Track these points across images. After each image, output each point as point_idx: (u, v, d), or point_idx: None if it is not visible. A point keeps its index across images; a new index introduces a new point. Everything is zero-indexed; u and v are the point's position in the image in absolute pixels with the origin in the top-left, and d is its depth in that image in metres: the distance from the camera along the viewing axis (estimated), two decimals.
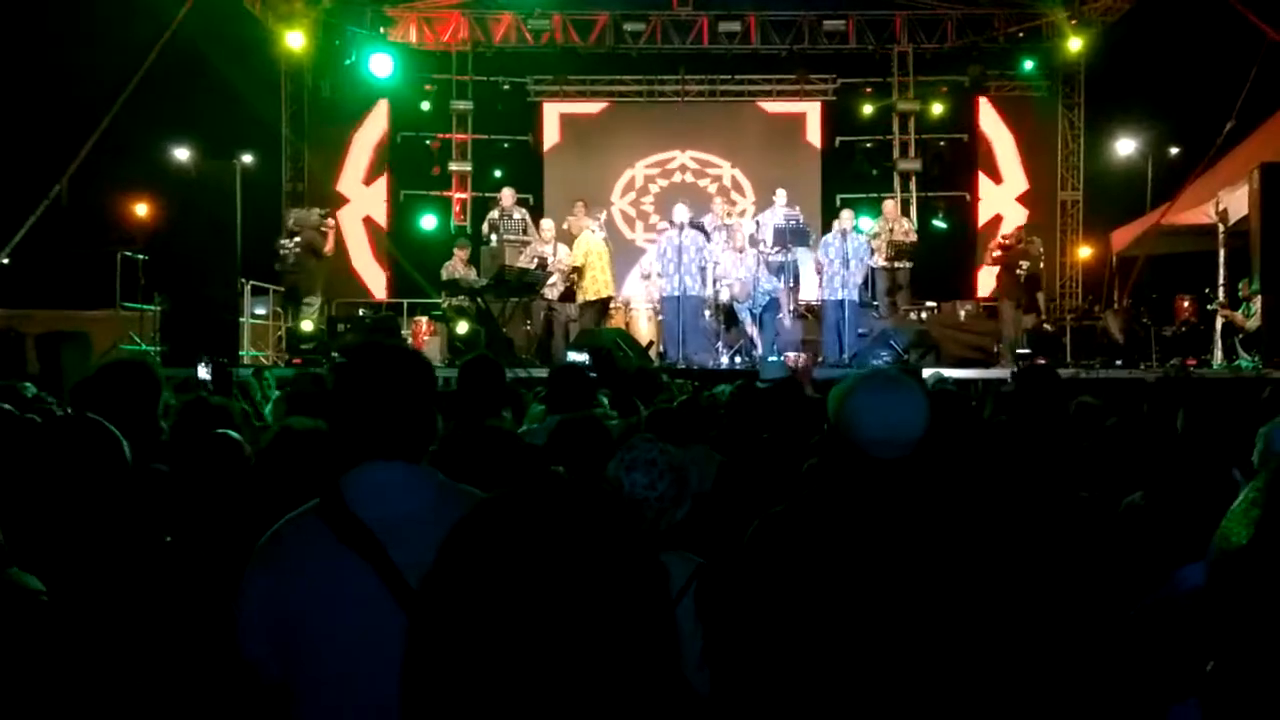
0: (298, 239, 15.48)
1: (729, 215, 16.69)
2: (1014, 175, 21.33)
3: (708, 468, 4.87)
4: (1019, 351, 14.61)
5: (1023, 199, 21.18)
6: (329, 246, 15.87)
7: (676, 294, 14.70)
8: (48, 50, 21.69)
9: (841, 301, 14.97)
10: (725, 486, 4.51)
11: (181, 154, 20.75)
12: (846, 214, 15.88)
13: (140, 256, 15.31)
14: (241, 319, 15.47)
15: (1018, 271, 15.74)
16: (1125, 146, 23.25)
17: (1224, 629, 1.03)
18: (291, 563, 2.31)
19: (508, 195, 16.98)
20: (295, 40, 19.49)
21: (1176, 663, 2.16)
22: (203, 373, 8.92)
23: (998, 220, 20.62)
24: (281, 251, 15.49)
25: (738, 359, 14.98)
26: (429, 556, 1.21)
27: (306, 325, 15.44)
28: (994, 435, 3.37)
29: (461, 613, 1.13)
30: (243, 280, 15.35)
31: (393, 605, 2.18)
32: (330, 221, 16.01)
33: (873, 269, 16.08)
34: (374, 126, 21.20)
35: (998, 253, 16.10)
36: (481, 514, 1.20)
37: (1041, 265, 16.83)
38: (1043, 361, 13.31)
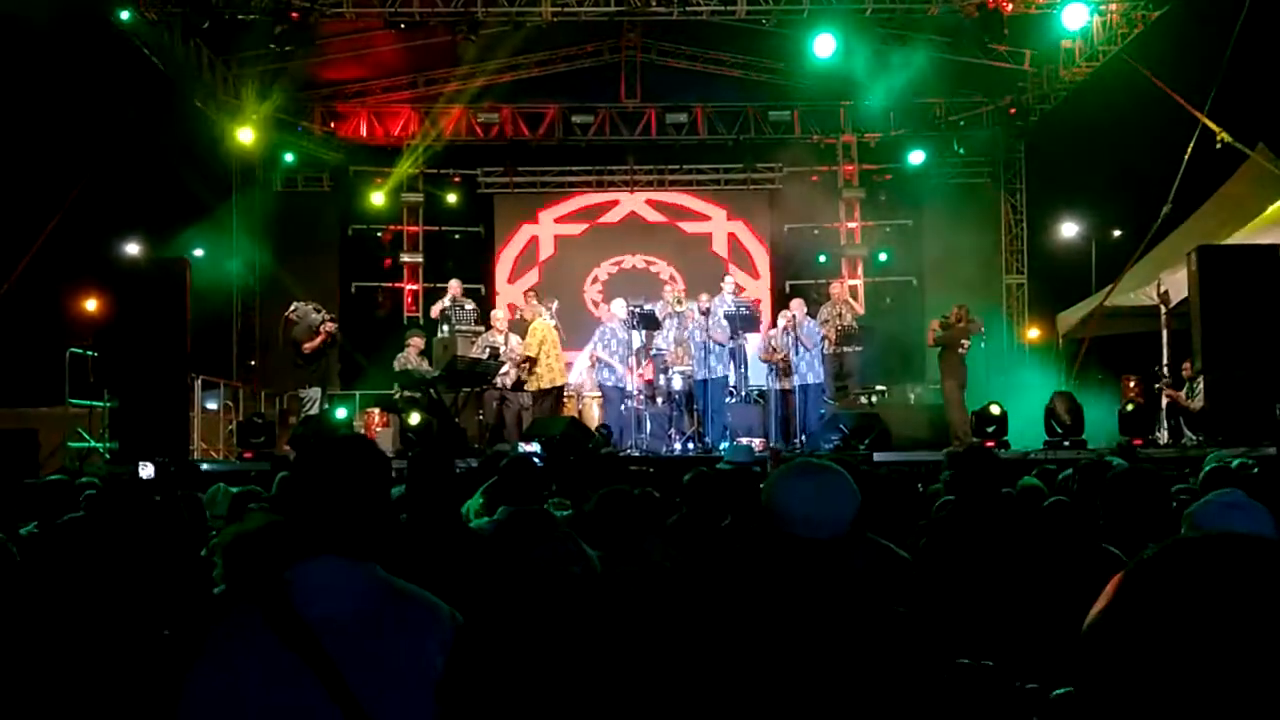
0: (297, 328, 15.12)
1: (680, 303, 16.77)
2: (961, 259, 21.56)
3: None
4: (955, 442, 14.53)
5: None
6: (310, 344, 15.13)
7: (621, 385, 14.79)
8: None
9: (793, 389, 15.08)
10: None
11: (131, 248, 20.71)
12: (796, 303, 15.98)
13: (89, 352, 15.20)
14: (191, 413, 15.34)
15: (959, 351, 15.84)
16: (1068, 230, 23.63)
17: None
18: (233, 658, 2.28)
19: (455, 286, 17.02)
20: (245, 136, 19.58)
21: None
22: (145, 472, 8.81)
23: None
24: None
25: (690, 445, 14.99)
26: (366, 655, 1.23)
27: (258, 419, 15.33)
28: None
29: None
30: (193, 374, 15.23)
31: (328, 705, 2.16)
32: (329, 326, 15.30)
33: (823, 354, 16.13)
34: None
35: (940, 333, 16.05)
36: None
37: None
38: (990, 444, 13.38)
